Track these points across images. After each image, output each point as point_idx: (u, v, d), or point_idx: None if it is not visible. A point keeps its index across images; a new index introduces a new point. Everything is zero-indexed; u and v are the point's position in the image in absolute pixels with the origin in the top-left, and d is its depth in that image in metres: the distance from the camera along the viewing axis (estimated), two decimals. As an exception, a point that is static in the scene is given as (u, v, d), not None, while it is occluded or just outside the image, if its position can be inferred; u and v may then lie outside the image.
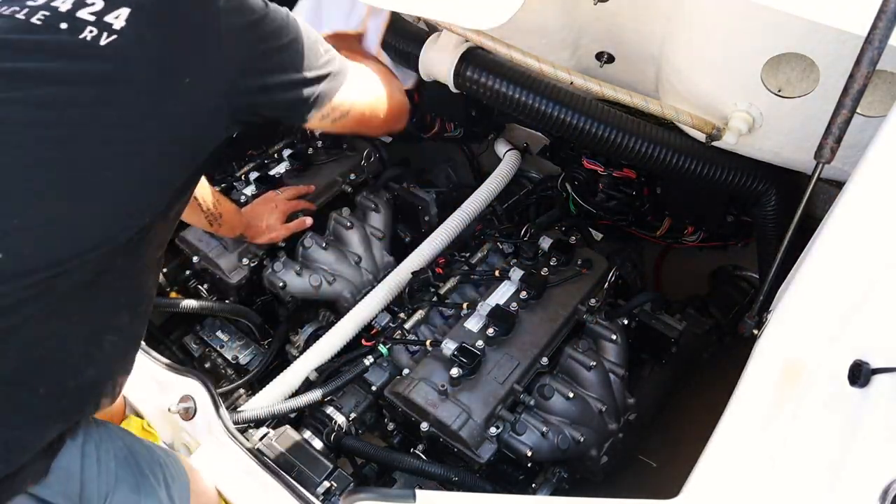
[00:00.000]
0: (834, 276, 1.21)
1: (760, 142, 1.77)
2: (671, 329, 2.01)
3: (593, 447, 1.81)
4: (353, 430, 1.92)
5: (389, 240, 2.49)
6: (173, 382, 1.67)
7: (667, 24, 1.69)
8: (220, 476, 1.53)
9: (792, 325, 1.24)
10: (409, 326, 1.98)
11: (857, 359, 1.08)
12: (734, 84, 1.66)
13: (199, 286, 2.40)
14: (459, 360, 1.75)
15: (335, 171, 2.51)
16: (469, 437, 1.68)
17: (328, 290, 2.26)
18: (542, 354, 1.87)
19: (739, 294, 2.42)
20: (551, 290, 2.00)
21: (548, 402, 1.80)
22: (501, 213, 2.62)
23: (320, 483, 1.57)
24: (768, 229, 1.93)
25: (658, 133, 1.87)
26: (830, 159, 1.20)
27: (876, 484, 1.00)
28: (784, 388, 1.18)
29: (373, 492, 1.34)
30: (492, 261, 2.19)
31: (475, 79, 1.88)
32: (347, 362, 1.98)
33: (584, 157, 2.36)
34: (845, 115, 1.16)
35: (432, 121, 2.76)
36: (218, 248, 2.23)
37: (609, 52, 1.96)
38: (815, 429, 1.13)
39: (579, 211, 2.48)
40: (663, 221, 2.35)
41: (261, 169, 2.50)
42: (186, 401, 1.62)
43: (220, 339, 2.36)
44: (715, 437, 1.20)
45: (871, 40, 1.09)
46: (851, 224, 1.22)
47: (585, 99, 1.85)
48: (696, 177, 1.87)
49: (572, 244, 2.10)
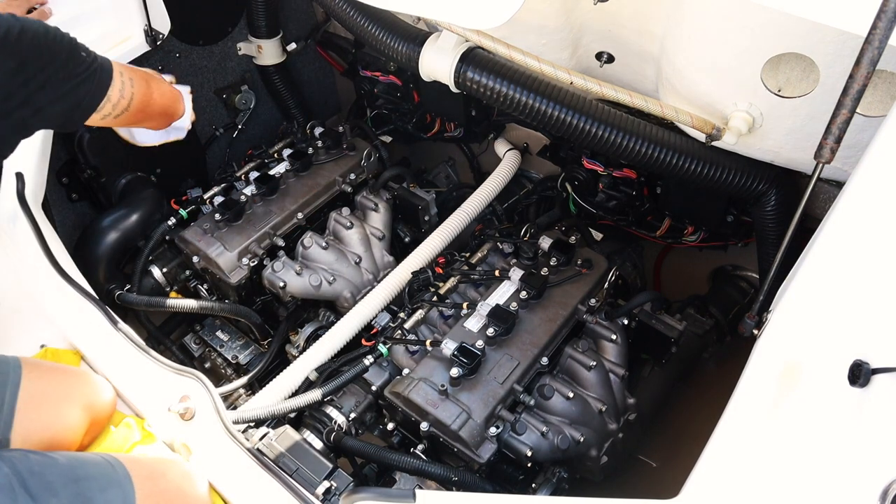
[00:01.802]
0: (834, 276, 1.21)
1: (760, 142, 1.77)
2: (671, 329, 2.01)
3: (593, 447, 1.81)
4: (353, 430, 1.92)
5: (389, 240, 2.49)
6: (173, 382, 1.67)
7: (667, 24, 1.69)
8: (220, 476, 1.53)
9: (792, 325, 1.24)
10: (409, 326, 1.98)
11: (857, 359, 1.08)
12: (734, 84, 1.66)
13: (199, 286, 2.41)
14: (459, 360, 1.75)
15: (335, 171, 2.51)
16: (469, 436, 1.68)
17: (328, 290, 2.26)
18: (542, 354, 1.87)
19: (739, 294, 2.42)
20: (551, 289, 2.00)
21: (548, 402, 1.80)
22: (501, 213, 2.62)
23: (320, 483, 1.57)
24: (768, 229, 1.93)
25: (658, 133, 1.86)
26: (830, 159, 1.19)
27: (876, 484, 1.00)
28: (784, 388, 1.18)
29: (373, 492, 1.34)
30: (492, 261, 2.19)
31: (475, 79, 1.89)
32: (347, 362, 1.98)
33: (584, 157, 2.36)
34: (845, 115, 1.16)
35: (432, 121, 2.76)
36: (218, 248, 2.24)
37: (609, 52, 1.96)
38: (815, 429, 1.13)
39: (579, 211, 2.48)
40: (663, 221, 2.35)
41: (261, 169, 2.50)
42: (186, 401, 1.62)
43: (220, 339, 2.36)
44: (714, 437, 1.21)
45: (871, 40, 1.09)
46: (851, 224, 1.22)
47: (585, 99, 1.85)
48: (696, 177, 1.87)
49: (572, 244, 2.10)
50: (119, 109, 1.57)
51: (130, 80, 1.61)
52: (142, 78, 1.70)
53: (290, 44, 2.89)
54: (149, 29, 2.31)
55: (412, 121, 2.77)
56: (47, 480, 1.30)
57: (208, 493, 1.51)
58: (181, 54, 2.62)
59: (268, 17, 2.74)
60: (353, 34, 2.20)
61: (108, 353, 1.76)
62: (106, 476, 1.38)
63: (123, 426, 1.67)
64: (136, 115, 1.66)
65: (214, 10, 2.68)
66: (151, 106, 1.71)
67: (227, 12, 2.73)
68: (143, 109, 1.68)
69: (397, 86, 2.74)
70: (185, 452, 1.59)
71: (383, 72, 2.74)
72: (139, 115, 1.68)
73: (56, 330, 1.83)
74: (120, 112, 1.57)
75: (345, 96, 3.30)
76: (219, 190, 2.42)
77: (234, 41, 2.79)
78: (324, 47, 3.05)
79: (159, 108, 1.76)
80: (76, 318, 1.82)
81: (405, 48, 1.99)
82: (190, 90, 2.03)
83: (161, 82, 1.80)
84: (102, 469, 1.39)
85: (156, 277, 2.35)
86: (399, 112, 2.82)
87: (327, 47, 3.03)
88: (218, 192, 2.42)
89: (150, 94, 1.71)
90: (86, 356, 1.81)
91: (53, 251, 1.92)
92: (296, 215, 2.39)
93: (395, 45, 2.00)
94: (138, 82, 1.66)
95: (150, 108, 1.72)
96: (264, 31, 2.77)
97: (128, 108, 1.59)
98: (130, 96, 1.59)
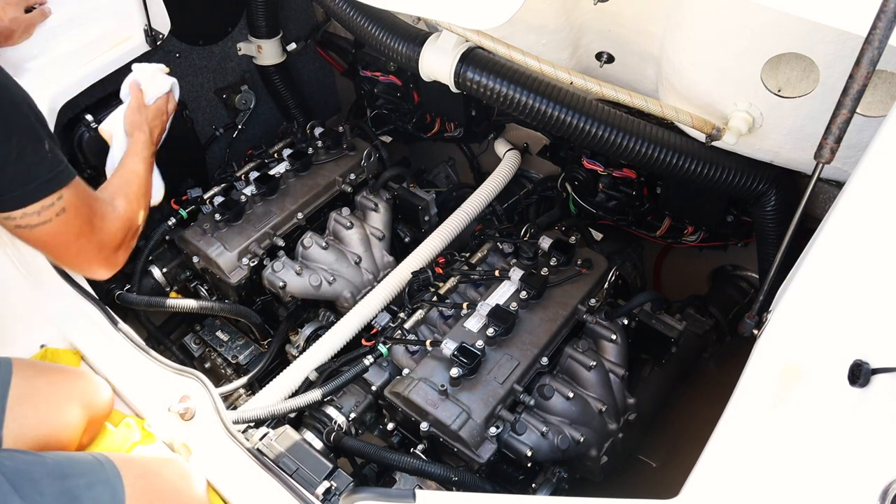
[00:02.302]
0: (834, 276, 1.21)
1: (760, 142, 1.77)
2: (671, 329, 2.01)
3: (593, 447, 1.81)
4: (353, 430, 1.92)
5: (389, 240, 2.49)
6: (173, 382, 1.67)
7: (667, 24, 1.69)
8: (220, 476, 1.53)
9: (792, 325, 1.24)
10: (409, 326, 1.98)
11: (857, 359, 1.08)
12: (734, 84, 1.66)
13: (199, 286, 2.40)
14: (459, 360, 1.75)
15: (335, 171, 2.51)
16: (469, 436, 1.68)
17: (328, 290, 2.26)
18: (542, 354, 1.87)
19: (739, 294, 2.42)
20: (551, 290, 2.00)
21: (548, 402, 1.80)
22: (501, 213, 2.62)
23: (320, 483, 1.57)
24: (768, 229, 1.93)
25: (658, 133, 1.86)
26: (830, 159, 1.19)
27: (876, 484, 1.00)
28: (784, 388, 1.18)
29: (373, 492, 1.34)
30: (492, 261, 2.19)
31: (475, 79, 1.88)
32: (347, 362, 1.98)
33: (584, 157, 2.36)
34: (845, 115, 1.16)
35: (432, 121, 2.76)
36: (218, 248, 2.24)
37: (609, 52, 1.96)
38: (815, 429, 1.13)
39: (579, 211, 2.48)
40: (663, 221, 2.35)
41: (261, 169, 2.50)
42: (186, 401, 1.62)
43: (220, 339, 2.37)
44: (714, 436, 1.20)
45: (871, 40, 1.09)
46: (851, 224, 1.22)
47: (585, 99, 1.85)
48: (696, 177, 1.87)
49: (572, 244, 2.10)
50: (25, 223, 1.34)
51: (62, 210, 1.38)
52: (77, 220, 1.42)
53: (290, 44, 2.89)
54: (149, 29, 2.31)
55: (412, 121, 2.77)
56: (33, 478, 1.30)
57: (206, 493, 1.50)
58: (181, 54, 2.62)
59: (268, 17, 2.74)
60: (353, 34, 2.20)
61: (108, 353, 1.76)
62: (94, 473, 1.38)
63: (123, 426, 1.67)
64: (39, 244, 1.42)
65: (214, 10, 2.68)
66: (62, 249, 1.46)
67: (227, 12, 2.73)
68: (49, 245, 1.42)
69: (397, 86, 2.74)
70: (185, 452, 1.59)
71: (383, 72, 2.74)
72: (42, 247, 1.43)
73: (56, 330, 1.83)
74: (25, 226, 1.35)
75: (345, 96, 3.30)
76: (219, 190, 2.42)
77: (234, 41, 2.80)
78: (324, 47, 3.05)
79: (73, 254, 1.49)
80: (76, 318, 1.82)
81: (405, 48, 1.99)
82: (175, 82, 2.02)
83: (102, 230, 1.51)
84: (90, 467, 1.39)
85: (156, 277, 2.35)
86: (399, 112, 2.82)
87: (327, 47, 3.04)
88: (218, 192, 2.42)
89: (67, 240, 1.43)
90: (86, 356, 1.81)
91: (53, 251, 1.92)
92: (296, 215, 2.39)
93: (395, 45, 2.00)
94: (71, 221, 1.40)
95: (60, 250, 1.46)
96: (264, 31, 2.77)
97: (33, 229, 1.36)
98: (47, 219, 1.36)
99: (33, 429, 1.54)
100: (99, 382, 1.70)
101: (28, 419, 1.53)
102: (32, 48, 2.04)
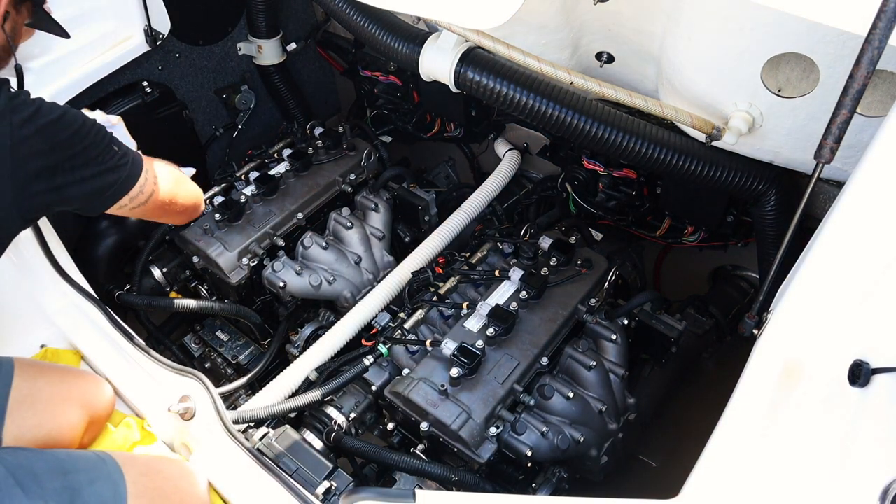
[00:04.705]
0: (834, 276, 1.21)
1: (760, 142, 1.77)
2: (671, 329, 2.01)
3: (593, 447, 1.81)
4: (353, 430, 1.92)
5: (389, 240, 2.49)
6: (173, 382, 1.67)
7: (667, 23, 1.69)
8: (220, 476, 1.53)
9: (792, 325, 1.24)
10: (409, 326, 1.98)
11: (857, 359, 1.08)
12: (734, 84, 1.66)
13: (199, 286, 2.41)
14: (459, 360, 1.75)
15: (335, 171, 2.51)
16: (469, 436, 1.68)
17: (328, 290, 2.26)
18: (542, 354, 1.87)
19: (739, 294, 2.42)
20: (551, 289, 2.00)
21: (548, 402, 1.80)
22: (501, 213, 2.62)
23: (320, 483, 1.57)
24: (768, 229, 1.93)
25: (658, 133, 1.86)
26: (830, 159, 1.19)
27: (876, 484, 1.00)
28: (784, 388, 1.18)
29: (373, 492, 1.34)
30: (492, 261, 2.19)
31: (475, 79, 1.88)
32: (347, 362, 1.98)
33: (584, 157, 2.36)
34: (845, 115, 1.16)
35: (432, 121, 2.76)
36: (218, 248, 2.24)
37: (609, 52, 1.96)
38: (815, 429, 1.13)
39: (579, 211, 2.48)
40: (663, 221, 2.35)
41: (261, 168, 2.50)
42: (186, 401, 1.62)
43: (220, 339, 2.37)
44: (714, 437, 1.20)
45: (871, 40, 1.09)
46: (851, 224, 1.22)
47: (585, 99, 1.85)
48: (696, 177, 1.87)
49: (572, 244, 2.10)
50: (136, 203, 1.61)
51: (155, 178, 1.66)
52: (169, 178, 1.74)
53: (290, 44, 2.89)
54: (149, 29, 2.31)
55: (412, 121, 2.77)
56: (36, 473, 1.32)
57: (207, 493, 1.51)
58: (181, 54, 2.62)
59: (268, 17, 2.74)
60: (353, 34, 2.20)
61: (108, 353, 1.77)
62: (95, 470, 1.38)
63: (123, 426, 1.68)
64: (153, 211, 1.70)
65: (214, 10, 2.68)
66: (172, 206, 1.76)
67: (227, 12, 2.73)
68: (163, 207, 1.72)
69: (397, 86, 2.74)
70: (185, 452, 1.60)
71: (383, 72, 2.74)
72: (157, 211, 1.72)
73: (56, 330, 1.84)
74: (136, 206, 1.62)
75: (345, 96, 3.30)
76: (219, 190, 2.42)
77: (234, 41, 2.80)
78: (324, 47, 3.05)
79: (180, 208, 1.81)
80: (76, 318, 1.82)
81: (405, 48, 1.99)
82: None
83: (188, 184, 1.86)
84: (92, 463, 1.40)
85: (156, 277, 2.35)
86: (399, 112, 2.82)
87: (327, 47, 3.04)
88: (218, 192, 2.42)
89: (173, 196, 1.75)
90: (86, 356, 1.81)
91: (53, 251, 1.93)
92: (296, 215, 2.39)
93: (395, 45, 2.00)
94: (164, 182, 1.70)
95: (171, 207, 1.76)
96: (264, 31, 2.77)
97: (145, 202, 1.64)
98: (150, 192, 1.64)
99: (34, 428, 1.54)
100: (99, 382, 1.71)
101: (29, 419, 1.54)
102: (32, 48, 2.04)
